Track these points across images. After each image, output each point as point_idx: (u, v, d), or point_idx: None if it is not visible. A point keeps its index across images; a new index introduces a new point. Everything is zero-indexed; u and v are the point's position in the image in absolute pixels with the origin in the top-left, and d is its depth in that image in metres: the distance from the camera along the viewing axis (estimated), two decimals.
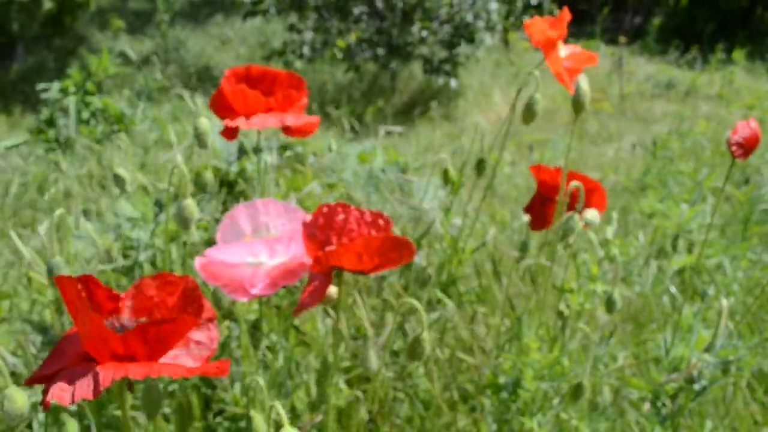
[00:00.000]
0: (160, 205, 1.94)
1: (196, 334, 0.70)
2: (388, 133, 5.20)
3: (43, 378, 0.65)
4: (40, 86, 3.88)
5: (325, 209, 0.86)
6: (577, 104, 1.11)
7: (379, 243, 0.78)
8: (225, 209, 2.16)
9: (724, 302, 1.09)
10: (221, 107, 1.14)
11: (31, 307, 1.85)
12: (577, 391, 1.14)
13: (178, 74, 6.97)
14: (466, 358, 1.50)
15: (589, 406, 1.24)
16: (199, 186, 1.30)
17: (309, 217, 0.85)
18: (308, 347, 1.51)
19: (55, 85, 3.69)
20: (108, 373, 0.60)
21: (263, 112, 1.12)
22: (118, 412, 1.34)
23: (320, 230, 0.85)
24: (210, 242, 1.90)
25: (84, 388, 0.59)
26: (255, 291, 0.85)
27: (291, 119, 1.11)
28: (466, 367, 1.54)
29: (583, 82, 1.11)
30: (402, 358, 1.48)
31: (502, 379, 1.29)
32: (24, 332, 1.68)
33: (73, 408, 1.27)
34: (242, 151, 2.46)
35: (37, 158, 3.77)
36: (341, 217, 0.85)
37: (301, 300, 0.81)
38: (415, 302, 0.80)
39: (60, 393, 0.60)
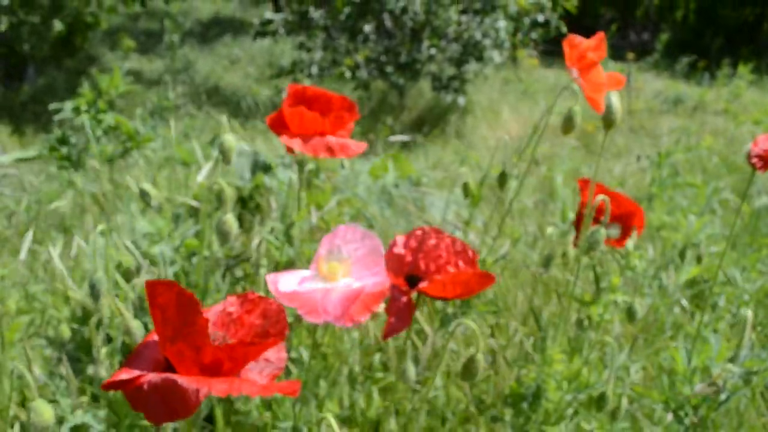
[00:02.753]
0: (177, 221, 1.97)
1: (268, 353, 0.73)
2: (394, 144, 5.23)
3: (120, 384, 0.66)
4: (52, 106, 3.92)
5: (419, 232, 0.89)
6: (608, 120, 1.13)
7: (467, 277, 0.81)
8: (240, 224, 2.18)
9: (750, 313, 1.11)
10: (280, 125, 1.23)
11: (46, 324, 1.87)
12: (600, 401, 1.15)
13: (188, 93, 7.03)
14: (488, 369, 1.52)
15: (609, 416, 1.25)
16: (221, 203, 1.33)
17: (400, 238, 0.88)
18: (327, 359, 1.53)
19: (68, 104, 3.73)
20: (194, 392, 0.62)
21: (317, 132, 1.20)
22: (137, 422, 1.36)
23: (410, 251, 0.88)
24: (228, 256, 1.92)
25: (177, 411, 0.62)
26: (329, 318, 0.87)
27: (340, 147, 1.19)
28: (486, 377, 1.55)
29: (615, 98, 1.13)
30: (424, 368, 1.49)
31: (524, 390, 1.30)
32: (41, 347, 1.70)
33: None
34: (254, 168, 2.49)
35: (49, 176, 3.81)
36: (433, 242, 0.89)
37: (389, 324, 0.83)
38: (471, 323, 0.82)
39: (155, 412, 0.62)
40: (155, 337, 0.72)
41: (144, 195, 1.26)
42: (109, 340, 1.41)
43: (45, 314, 1.89)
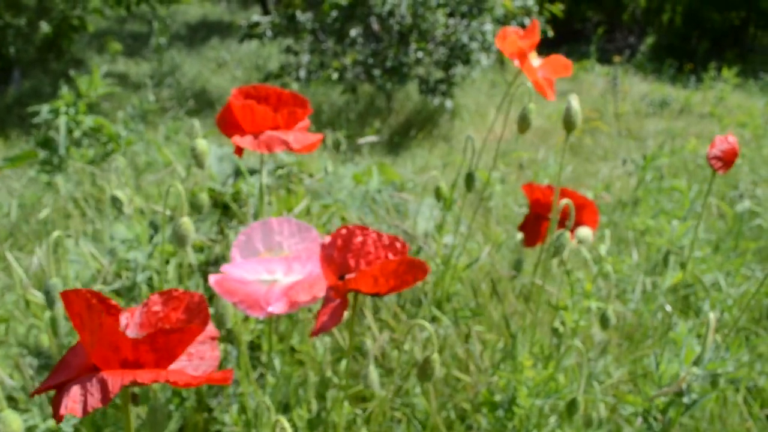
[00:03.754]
0: (155, 227, 1.95)
1: (200, 350, 0.72)
2: (372, 145, 5.23)
3: (49, 389, 0.65)
4: (31, 109, 3.90)
5: (343, 231, 0.87)
6: (569, 123, 1.13)
7: (395, 266, 0.79)
8: (220, 230, 2.17)
9: (712, 316, 1.11)
10: (228, 124, 1.15)
11: (27, 331, 1.85)
12: (571, 407, 1.14)
13: (175, 96, 7.00)
14: (462, 376, 1.50)
15: (584, 422, 1.25)
16: (195, 207, 1.31)
17: (327, 239, 0.86)
18: (304, 366, 1.51)
19: (45, 107, 3.70)
20: (116, 379, 0.60)
21: (270, 128, 1.13)
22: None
23: (338, 252, 0.86)
24: (206, 262, 1.91)
25: (94, 396, 0.60)
26: (272, 309, 0.87)
27: (295, 139, 1.12)
28: (462, 386, 1.54)
29: (574, 101, 1.13)
30: (399, 376, 1.48)
31: (497, 397, 1.30)
32: (20, 356, 1.68)
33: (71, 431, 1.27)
34: (237, 173, 2.48)
35: (31, 180, 3.77)
36: (359, 239, 0.87)
37: (320, 322, 0.82)
38: (426, 323, 0.81)
39: (72, 405, 0.60)
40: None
41: (115, 201, 1.24)
42: None
43: (25, 322, 1.87)
